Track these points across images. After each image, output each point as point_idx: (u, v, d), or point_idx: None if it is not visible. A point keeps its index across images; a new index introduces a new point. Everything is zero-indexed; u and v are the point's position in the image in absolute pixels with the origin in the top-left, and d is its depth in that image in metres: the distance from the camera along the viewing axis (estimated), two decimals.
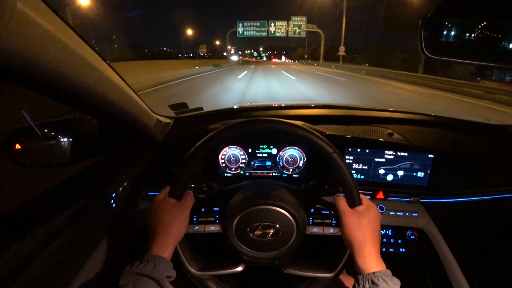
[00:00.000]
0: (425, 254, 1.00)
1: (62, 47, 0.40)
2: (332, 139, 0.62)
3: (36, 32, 0.35)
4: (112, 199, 0.73)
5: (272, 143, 0.92)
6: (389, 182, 0.94)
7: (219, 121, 1.00)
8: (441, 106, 7.62)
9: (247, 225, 0.62)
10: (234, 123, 0.59)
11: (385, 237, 1.00)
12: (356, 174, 0.94)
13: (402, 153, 0.90)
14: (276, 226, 0.61)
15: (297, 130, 0.58)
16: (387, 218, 0.96)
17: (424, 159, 0.90)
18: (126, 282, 0.49)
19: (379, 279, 0.50)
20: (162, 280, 0.50)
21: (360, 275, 0.53)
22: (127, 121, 0.68)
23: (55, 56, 0.39)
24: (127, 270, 0.51)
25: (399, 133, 0.99)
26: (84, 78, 0.47)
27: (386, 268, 0.54)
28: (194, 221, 0.64)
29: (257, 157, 0.94)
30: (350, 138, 0.92)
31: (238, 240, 0.63)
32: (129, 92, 0.66)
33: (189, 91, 9.45)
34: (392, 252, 0.99)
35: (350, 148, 0.92)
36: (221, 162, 0.94)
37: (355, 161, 0.93)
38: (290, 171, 0.94)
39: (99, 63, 0.51)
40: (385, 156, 0.92)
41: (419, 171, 0.92)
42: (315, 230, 0.64)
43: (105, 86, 0.54)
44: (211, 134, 0.59)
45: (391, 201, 0.96)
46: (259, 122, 0.60)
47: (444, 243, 0.96)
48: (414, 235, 0.98)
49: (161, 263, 0.52)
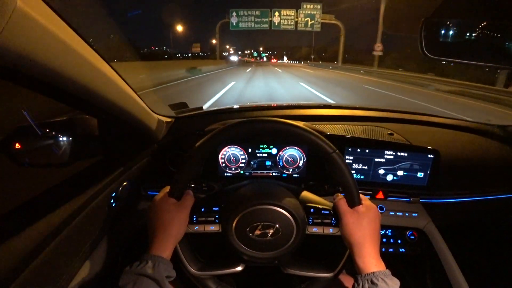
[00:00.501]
0: (425, 254, 1.00)
1: (62, 46, 0.40)
2: (332, 139, 0.62)
3: (36, 32, 0.35)
4: (112, 199, 0.73)
5: (272, 143, 0.92)
6: (389, 182, 0.94)
7: (219, 121, 1.00)
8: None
9: (247, 225, 0.62)
10: (234, 123, 0.59)
11: (385, 237, 1.00)
12: (356, 174, 0.94)
13: (402, 153, 0.90)
14: (276, 226, 0.61)
15: (297, 130, 0.58)
16: (387, 218, 0.96)
17: (424, 159, 0.90)
18: (126, 282, 0.49)
19: (379, 279, 0.50)
20: (162, 280, 0.50)
21: (359, 275, 0.54)
22: (127, 120, 0.69)
23: (55, 55, 0.39)
24: (126, 270, 0.51)
25: (399, 133, 0.99)
26: (84, 77, 0.47)
27: (385, 268, 0.54)
28: (194, 221, 0.64)
29: (257, 157, 0.94)
30: (350, 138, 0.92)
31: (238, 240, 0.63)
32: (129, 92, 0.66)
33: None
34: (392, 252, 0.99)
35: (350, 148, 0.92)
36: (221, 162, 0.94)
37: (355, 161, 0.93)
38: (290, 171, 0.94)
39: (99, 62, 0.51)
40: (385, 156, 0.92)
41: (419, 171, 0.92)
42: (315, 230, 0.64)
43: (105, 85, 0.54)
44: (210, 134, 0.59)
45: (391, 201, 0.96)
46: (259, 122, 0.60)
47: (444, 243, 0.96)
48: (413, 235, 0.98)
49: (160, 263, 0.52)
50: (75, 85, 0.46)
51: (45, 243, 0.50)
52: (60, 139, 0.65)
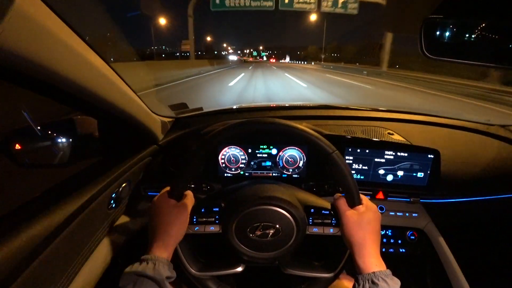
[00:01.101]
0: (425, 254, 1.00)
1: (62, 47, 0.40)
2: (332, 139, 0.62)
3: (36, 32, 0.35)
4: (112, 199, 0.73)
5: (272, 143, 0.92)
6: (389, 182, 0.94)
7: (219, 121, 1.00)
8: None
9: (247, 226, 0.62)
10: (233, 123, 0.59)
11: (385, 237, 1.00)
12: (356, 174, 0.94)
13: (402, 153, 0.90)
14: (276, 226, 0.61)
15: (297, 130, 0.58)
16: (387, 218, 0.96)
17: (424, 159, 0.90)
18: (126, 283, 0.49)
19: (379, 279, 0.50)
20: (162, 280, 0.50)
21: (360, 275, 0.53)
22: (127, 121, 0.68)
23: (54, 56, 0.39)
24: (127, 270, 0.51)
25: (399, 133, 0.99)
26: (83, 78, 0.47)
27: (386, 268, 0.54)
28: (194, 222, 0.64)
29: (257, 157, 0.94)
30: (350, 138, 0.92)
31: (238, 241, 0.63)
32: (129, 92, 0.66)
33: None
34: (392, 252, 0.99)
35: (350, 148, 0.92)
36: (221, 162, 0.94)
37: (355, 161, 0.93)
38: (290, 171, 0.94)
39: (98, 62, 0.51)
40: (385, 156, 0.92)
41: (419, 171, 0.92)
42: (315, 230, 0.64)
43: (105, 86, 0.54)
44: (211, 134, 0.59)
45: (391, 202, 0.96)
46: (259, 123, 0.60)
47: (444, 243, 0.96)
48: (414, 235, 0.98)
49: (161, 263, 0.52)
50: (74, 85, 0.46)
51: (45, 243, 0.50)
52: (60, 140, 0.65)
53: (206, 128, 0.95)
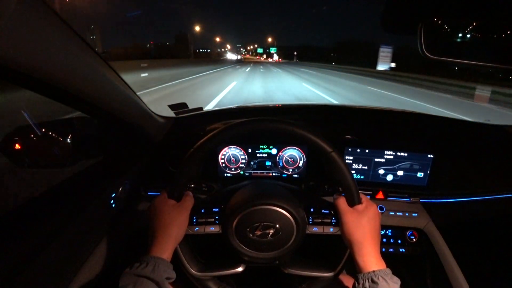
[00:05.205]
0: (425, 254, 1.00)
1: (61, 47, 0.40)
2: (331, 139, 0.62)
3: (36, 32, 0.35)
4: (112, 199, 0.73)
5: (271, 143, 0.92)
6: (389, 182, 0.94)
7: (219, 121, 1.00)
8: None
9: (247, 226, 0.61)
10: (233, 123, 0.59)
11: (385, 237, 1.00)
12: (356, 174, 0.94)
13: (401, 153, 0.91)
14: (276, 226, 0.61)
15: (296, 130, 0.58)
16: (387, 218, 0.96)
17: (424, 159, 0.90)
18: (126, 284, 0.49)
19: (379, 278, 0.50)
20: (162, 281, 0.50)
21: (360, 274, 0.53)
22: (127, 121, 0.68)
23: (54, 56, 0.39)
24: (126, 271, 0.51)
25: (399, 132, 0.99)
26: (83, 78, 0.47)
27: (386, 267, 0.54)
28: (194, 222, 0.64)
29: (257, 157, 0.94)
30: (350, 138, 0.92)
31: (238, 241, 0.63)
32: (129, 92, 0.66)
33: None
34: (392, 252, 0.99)
35: (350, 148, 0.92)
36: (221, 162, 0.94)
37: (355, 161, 0.93)
38: (290, 171, 0.94)
39: (98, 63, 0.51)
40: (384, 156, 0.92)
41: (419, 171, 0.92)
42: (315, 229, 0.64)
43: (104, 86, 0.54)
44: (210, 135, 0.59)
45: (391, 201, 0.96)
46: (258, 122, 0.60)
47: (444, 243, 0.96)
48: (414, 235, 0.98)
49: (160, 264, 0.52)
50: (74, 85, 0.46)
51: (45, 243, 0.50)
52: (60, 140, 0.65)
53: (205, 128, 0.95)
